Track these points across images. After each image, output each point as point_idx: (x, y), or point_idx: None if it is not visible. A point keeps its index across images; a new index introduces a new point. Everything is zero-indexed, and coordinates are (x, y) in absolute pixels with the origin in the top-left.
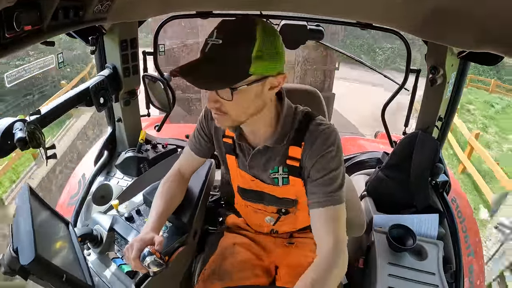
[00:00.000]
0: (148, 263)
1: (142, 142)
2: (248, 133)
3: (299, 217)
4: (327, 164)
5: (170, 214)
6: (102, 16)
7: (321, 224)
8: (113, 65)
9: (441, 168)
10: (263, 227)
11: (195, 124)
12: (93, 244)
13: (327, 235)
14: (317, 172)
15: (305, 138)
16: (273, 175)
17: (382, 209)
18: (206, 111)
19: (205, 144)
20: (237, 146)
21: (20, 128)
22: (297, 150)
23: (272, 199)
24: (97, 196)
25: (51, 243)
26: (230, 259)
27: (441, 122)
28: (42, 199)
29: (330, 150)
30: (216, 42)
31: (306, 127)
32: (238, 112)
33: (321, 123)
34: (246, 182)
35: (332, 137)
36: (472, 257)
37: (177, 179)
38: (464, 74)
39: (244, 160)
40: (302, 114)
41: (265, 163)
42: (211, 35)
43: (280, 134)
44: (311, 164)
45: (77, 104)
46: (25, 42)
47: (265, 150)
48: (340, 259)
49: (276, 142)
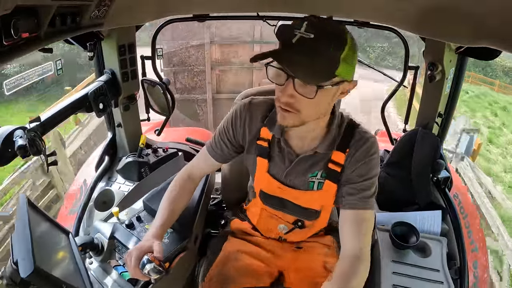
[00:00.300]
0: (148, 271)
1: (143, 147)
2: (296, 137)
3: (311, 232)
4: (369, 171)
5: (174, 220)
6: (99, 21)
7: (350, 225)
8: (112, 70)
9: (442, 165)
10: (272, 233)
11: (195, 128)
12: (95, 253)
13: (353, 239)
14: (358, 177)
15: (350, 144)
16: (311, 179)
17: (385, 207)
18: (235, 116)
19: (226, 150)
20: (276, 151)
21: (20, 135)
22: (341, 156)
23: (295, 208)
24: (99, 202)
25: (51, 254)
26: (234, 264)
27: (441, 118)
28: (41, 210)
29: (373, 158)
30: (306, 35)
31: (352, 134)
32: (311, 111)
33: (366, 131)
34: (271, 188)
35: (375, 146)
36: (476, 252)
37: (186, 184)
38: (463, 70)
39: (282, 166)
40: (347, 121)
41: (308, 168)
42: (299, 27)
43: (331, 140)
44: (353, 169)
45: (77, 110)
46: (23, 50)
47: (312, 156)
48: (363, 266)
49: (327, 148)
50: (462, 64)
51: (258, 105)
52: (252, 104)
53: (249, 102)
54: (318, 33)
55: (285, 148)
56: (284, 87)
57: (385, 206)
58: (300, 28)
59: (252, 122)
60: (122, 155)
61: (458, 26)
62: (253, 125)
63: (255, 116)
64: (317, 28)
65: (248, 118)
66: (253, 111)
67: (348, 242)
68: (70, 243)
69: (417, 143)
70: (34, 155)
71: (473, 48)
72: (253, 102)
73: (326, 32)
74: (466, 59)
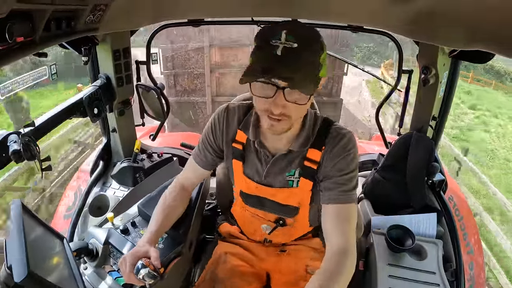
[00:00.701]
0: (142, 276)
1: (138, 152)
2: (271, 139)
3: (294, 230)
4: (347, 166)
5: (169, 227)
6: (94, 26)
7: (333, 221)
8: (106, 75)
9: (437, 167)
10: (257, 235)
11: (189, 133)
12: (89, 258)
13: (337, 234)
14: (337, 171)
15: (326, 141)
16: (289, 178)
17: (380, 210)
18: (213, 122)
19: (210, 156)
20: (252, 153)
21: (14, 140)
22: (317, 153)
23: (274, 206)
24: (93, 207)
25: (46, 259)
26: (223, 266)
27: (435, 121)
28: (35, 215)
29: (350, 153)
30: (289, 45)
31: (327, 131)
32: (299, 115)
33: (341, 127)
34: (249, 188)
35: (352, 141)
36: (472, 254)
37: (179, 193)
38: (456, 73)
39: (259, 168)
40: (322, 119)
41: (284, 167)
42: (279, 37)
43: (304, 138)
44: (332, 165)
45: (71, 115)
46: (17, 54)
47: (286, 155)
48: (349, 261)
49: (300, 146)
50: (456, 68)
51: (234, 110)
52: (229, 109)
53: (226, 107)
54: (301, 41)
55: (260, 150)
56: (274, 99)
57: (381, 209)
58: (280, 37)
59: (229, 126)
60: (116, 160)
61: (452, 30)
62: (229, 129)
63: (232, 120)
64: (299, 36)
65: (225, 122)
66: (230, 116)
67: (332, 237)
68: (64, 248)
69: (411, 147)
70: (28, 160)
71: (467, 52)
72: (230, 107)
73: (308, 40)
74: (460, 63)
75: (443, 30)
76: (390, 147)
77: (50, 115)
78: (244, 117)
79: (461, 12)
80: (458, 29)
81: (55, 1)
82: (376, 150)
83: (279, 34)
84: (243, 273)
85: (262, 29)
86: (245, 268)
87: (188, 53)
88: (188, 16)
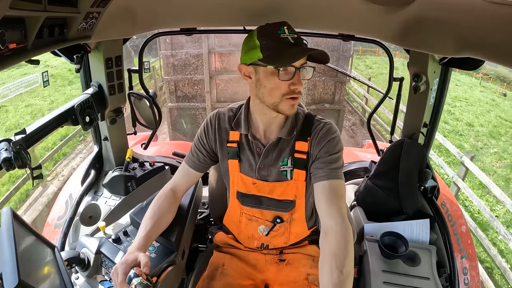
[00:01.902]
0: (135, 285)
1: (129, 161)
2: (262, 129)
3: (291, 229)
4: (333, 147)
5: (159, 233)
6: (87, 34)
7: (326, 197)
8: (98, 83)
9: (429, 174)
10: (254, 240)
11: (181, 141)
12: (81, 268)
13: (332, 210)
14: (324, 153)
15: (311, 132)
16: (283, 167)
17: (373, 217)
18: (206, 125)
19: (203, 158)
20: (245, 149)
21: (5, 148)
22: (304, 145)
23: (270, 202)
24: (84, 217)
25: (37, 269)
26: (220, 280)
27: (426, 128)
28: (26, 223)
29: (334, 137)
30: (293, 36)
31: (311, 123)
32: None
33: (322, 118)
34: (246, 186)
35: (334, 127)
36: (465, 259)
37: (169, 199)
38: (447, 80)
39: (253, 161)
40: (304, 113)
41: (276, 156)
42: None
43: (290, 125)
44: (319, 149)
45: (63, 123)
46: (9, 61)
47: (277, 143)
48: (349, 232)
49: (287, 133)
50: (446, 75)
51: (224, 113)
52: (220, 113)
53: (217, 112)
54: (296, 33)
55: (253, 142)
56: (296, 79)
57: (373, 216)
58: (284, 32)
59: (221, 128)
60: (108, 169)
61: (441, 38)
62: (222, 131)
63: (223, 122)
64: (293, 29)
65: (217, 125)
66: (221, 119)
67: (328, 214)
68: (55, 257)
69: (403, 153)
70: (19, 168)
71: (457, 59)
72: (220, 111)
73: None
74: (450, 70)
75: (433, 38)
76: (382, 154)
77: (41, 123)
78: (235, 117)
79: (450, 21)
80: (448, 37)
81: (47, 8)
82: (368, 158)
83: (282, 29)
84: (242, 286)
85: (265, 27)
86: (243, 281)
87: (188, 59)
88: (181, 25)
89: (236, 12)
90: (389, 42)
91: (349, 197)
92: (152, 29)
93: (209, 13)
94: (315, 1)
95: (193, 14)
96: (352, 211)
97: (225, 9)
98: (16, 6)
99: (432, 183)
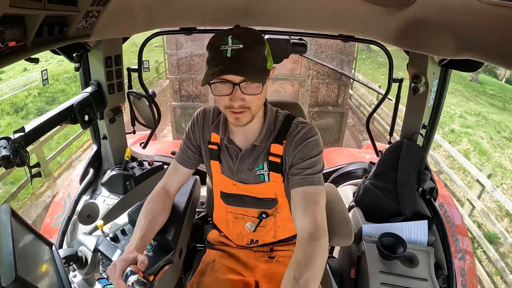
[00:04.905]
0: (131, 283)
1: (128, 160)
2: (238, 134)
3: (278, 223)
4: (308, 152)
5: (155, 233)
6: (86, 32)
7: (299, 204)
8: (98, 82)
9: (427, 175)
10: (243, 237)
11: (180, 141)
12: (78, 266)
13: (305, 219)
14: (299, 159)
15: (287, 135)
16: (259, 171)
17: (371, 218)
18: (193, 122)
19: (192, 155)
20: (224, 151)
21: (4, 146)
22: (279, 148)
23: (253, 201)
24: (83, 215)
25: (34, 265)
26: (210, 276)
27: (425, 129)
28: (24, 220)
29: (310, 141)
30: (236, 47)
31: (288, 126)
32: (258, 105)
33: (302, 121)
34: (228, 187)
35: (312, 131)
36: (463, 260)
37: (161, 197)
38: (446, 82)
39: (231, 164)
40: (283, 115)
41: (252, 162)
42: (226, 42)
43: (266, 132)
44: (293, 155)
45: (62, 121)
46: (9, 59)
47: (252, 149)
48: (319, 246)
49: (262, 140)
50: (445, 76)
51: (209, 112)
52: (205, 112)
53: (203, 109)
54: (244, 41)
55: (230, 147)
56: (233, 95)
57: (372, 217)
58: (227, 43)
59: (205, 128)
60: (107, 168)
61: (441, 40)
62: (205, 131)
63: (207, 122)
64: (241, 37)
65: (202, 124)
66: (206, 118)
67: (301, 222)
68: (53, 255)
69: (402, 155)
70: (18, 166)
71: (456, 60)
72: (206, 109)
73: (249, 39)
74: (449, 71)
75: (432, 39)
76: (381, 155)
77: (40, 121)
78: (217, 118)
79: (450, 22)
80: (447, 38)
81: (47, 6)
82: (367, 159)
83: (225, 39)
84: (232, 282)
85: (211, 38)
86: (233, 277)
87: (193, 59)
88: (180, 24)
89: (235, 12)
90: (388, 43)
91: (348, 197)
92: (152, 28)
93: (209, 12)
94: (315, 2)
95: (193, 14)
96: (351, 212)
97: (225, 8)
98: (16, 4)
99: (430, 185)
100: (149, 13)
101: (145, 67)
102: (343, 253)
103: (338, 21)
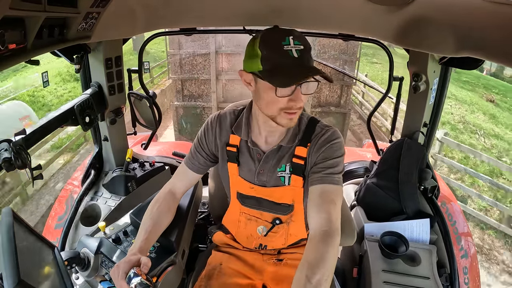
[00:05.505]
0: (134, 285)
1: (129, 161)
2: (264, 136)
3: (290, 231)
4: (332, 153)
5: (159, 235)
6: (86, 34)
7: (317, 202)
8: (98, 83)
9: (429, 173)
10: (252, 240)
11: (181, 141)
12: (81, 268)
13: (320, 216)
14: (322, 159)
15: (312, 138)
16: (281, 173)
17: (373, 217)
18: (206, 128)
19: (203, 160)
20: (244, 153)
21: (5, 148)
22: (303, 150)
23: (269, 205)
24: (85, 217)
25: (37, 268)
26: (217, 279)
27: (426, 128)
28: (26, 223)
29: (334, 143)
30: (299, 47)
31: (313, 129)
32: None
33: (326, 125)
34: (245, 189)
35: (336, 134)
36: (466, 258)
37: (167, 200)
38: (446, 80)
39: (252, 166)
40: (307, 118)
41: (275, 162)
42: (287, 42)
43: (292, 134)
44: (317, 155)
45: (63, 123)
46: (9, 61)
47: (277, 150)
48: (332, 246)
49: (289, 141)
50: (446, 74)
51: (225, 115)
52: (221, 116)
53: (218, 114)
54: (304, 43)
55: (253, 148)
56: (295, 96)
57: (374, 216)
58: (289, 43)
59: (221, 131)
60: (108, 169)
61: (441, 38)
62: (222, 134)
63: (224, 125)
64: (300, 39)
65: (218, 128)
66: (222, 122)
67: (316, 218)
68: (55, 257)
69: (403, 153)
70: (19, 168)
71: (456, 58)
72: (221, 114)
73: (305, 40)
74: (450, 69)
75: (432, 37)
76: (382, 154)
77: (41, 124)
78: (235, 121)
79: (450, 20)
80: (447, 36)
81: (47, 8)
82: (368, 157)
83: (287, 40)
84: (239, 285)
85: (269, 37)
86: (241, 281)
87: (195, 59)
88: (180, 25)
89: (235, 12)
90: (389, 41)
91: (349, 196)
92: (152, 29)
93: (209, 13)
94: (315, 1)
95: (193, 14)
96: (353, 211)
97: (225, 9)
98: (16, 6)
99: (432, 183)
100: (149, 14)
101: (145, 68)
102: (345, 252)
103: (339, 20)
